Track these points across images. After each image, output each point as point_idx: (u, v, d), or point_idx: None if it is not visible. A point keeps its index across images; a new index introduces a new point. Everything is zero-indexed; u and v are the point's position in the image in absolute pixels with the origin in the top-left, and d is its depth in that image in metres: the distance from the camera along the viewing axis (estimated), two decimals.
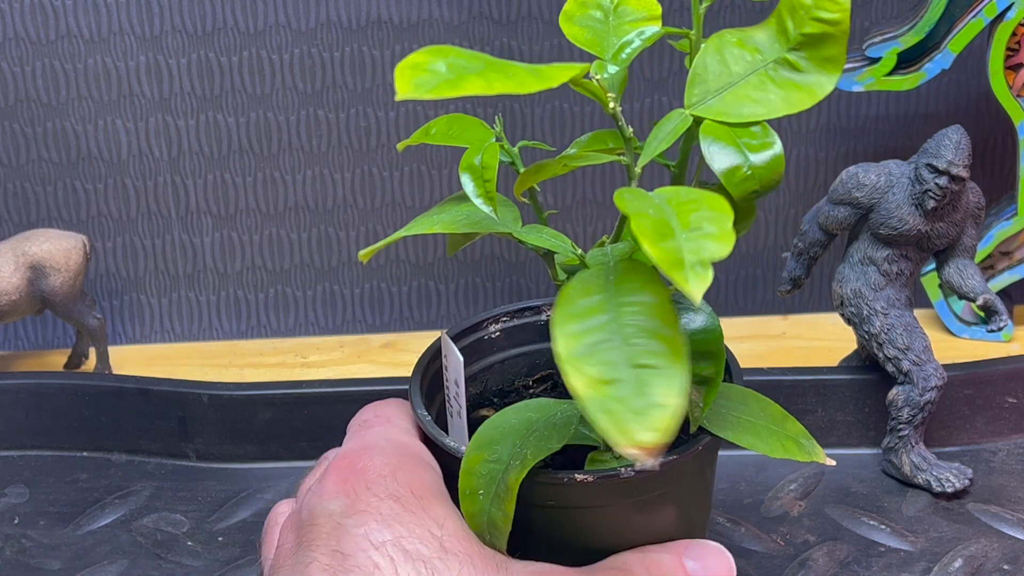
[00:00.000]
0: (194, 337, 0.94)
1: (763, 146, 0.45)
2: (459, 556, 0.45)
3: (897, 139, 0.89)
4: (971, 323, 0.87)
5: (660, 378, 0.40)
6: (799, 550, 0.66)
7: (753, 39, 0.47)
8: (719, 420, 0.51)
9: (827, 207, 0.70)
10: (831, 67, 0.45)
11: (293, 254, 0.92)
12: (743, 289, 0.93)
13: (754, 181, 0.46)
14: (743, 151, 0.45)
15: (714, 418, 0.51)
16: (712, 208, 0.41)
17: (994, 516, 0.68)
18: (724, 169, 0.45)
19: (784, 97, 0.45)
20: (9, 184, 0.89)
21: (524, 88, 0.41)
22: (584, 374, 0.40)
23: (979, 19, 0.79)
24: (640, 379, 0.40)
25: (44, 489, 0.74)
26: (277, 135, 0.88)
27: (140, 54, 0.86)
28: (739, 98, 0.46)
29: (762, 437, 0.51)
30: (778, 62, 0.46)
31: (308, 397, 0.74)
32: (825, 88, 0.45)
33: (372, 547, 0.45)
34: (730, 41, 0.47)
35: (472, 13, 0.85)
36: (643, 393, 0.39)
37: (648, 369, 0.40)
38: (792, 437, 0.51)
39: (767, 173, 0.45)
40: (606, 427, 0.39)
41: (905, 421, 0.69)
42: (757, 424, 0.51)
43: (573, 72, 0.42)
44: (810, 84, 0.45)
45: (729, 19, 0.86)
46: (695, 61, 0.47)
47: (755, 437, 0.51)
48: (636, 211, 0.40)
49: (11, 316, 0.81)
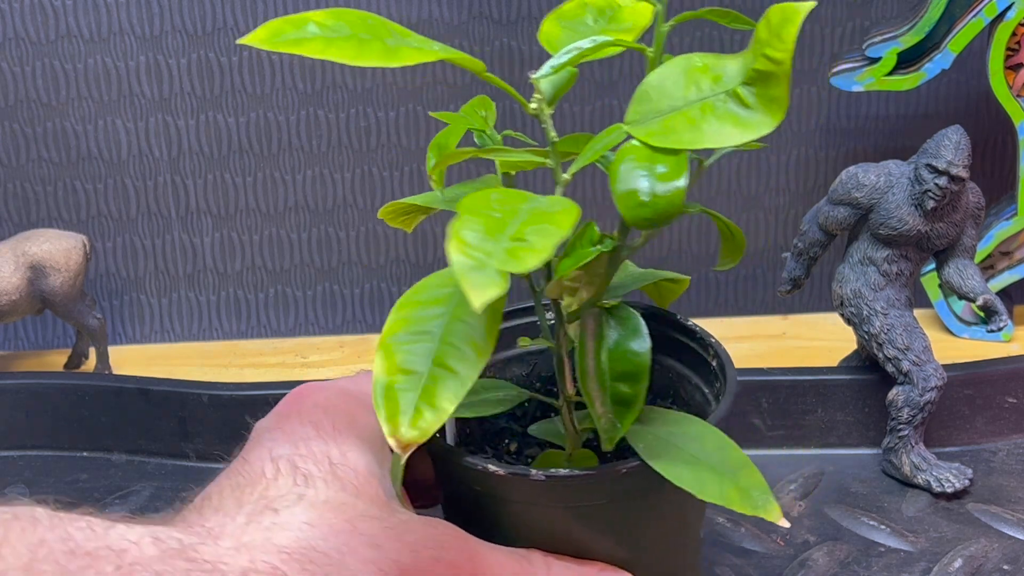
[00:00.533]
0: (194, 337, 0.94)
1: (671, 176, 0.44)
2: (344, 483, 0.47)
3: (897, 139, 0.89)
4: (971, 323, 0.87)
5: (451, 383, 0.42)
6: (799, 550, 0.66)
7: (722, 67, 0.45)
8: (661, 449, 0.49)
9: (827, 207, 0.70)
10: (775, 108, 0.43)
11: (293, 254, 0.92)
12: (743, 289, 0.93)
13: (648, 209, 0.44)
14: (652, 178, 0.44)
15: (658, 446, 0.49)
16: (554, 223, 0.41)
17: (994, 516, 0.68)
18: (623, 191, 0.44)
19: (718, 130, 0.44)
20: (9, 184, 0.89)
21: (362, 60, 0.42)
22: (390, 358, 0.42)
23: (979, 19, 0.79)
24: (433, 378, 0.42)
25: (44, 489, 0.74)
26: (277, 135, 0.88)
27: (140, 54, 0.86)
28: (677, 124, 0.44)
29: (700, 475, 0.48)
30: (729, 94, 0.44)
31: None
32: (762, 129, 0.43)
33: (269, 458, 0.48)
34: (696, 65, 0.45)
35: (472, 13, 0.85)
36: (427, 392, 0.42)
37: (446, 371, 0.42)
38: (740, 486, 0.48)
39: (665, 205, 0.44)
40: (380, 412, 0.41)
41: (905, 421, 0.69)
42: (702, 462, 0.48)
43: (427, 56, 0.43)
44: (750, 121, 0.43)
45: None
46: (646, 79, 0.45)
47: (691, 474, 0.48)
48: (474, 209, 0.41)
49: (11, 316, 0.81)
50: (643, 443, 0.49)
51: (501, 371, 0.61)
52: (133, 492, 0.73)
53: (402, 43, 0.45)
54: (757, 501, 0.47)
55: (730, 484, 0.48)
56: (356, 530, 0.45)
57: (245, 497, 0.46)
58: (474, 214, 0.42)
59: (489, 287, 0.38)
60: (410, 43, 0.45)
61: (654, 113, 0.45)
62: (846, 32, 0.86)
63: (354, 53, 0.43)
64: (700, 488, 0.48)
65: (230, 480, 0.48)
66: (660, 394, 0.59)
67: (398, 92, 0.87)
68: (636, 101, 0.45)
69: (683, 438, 0.50)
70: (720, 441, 0.49)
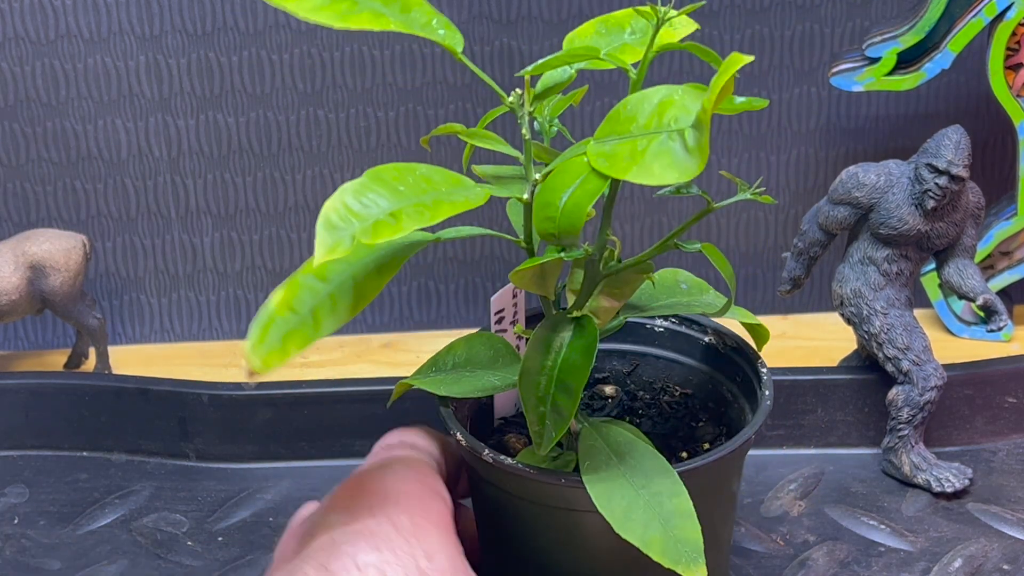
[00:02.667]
0: (194, 337, 0.94)
1: (583, 199, 0.45)
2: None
3: (897, 139, 0.89)
4: (971, 323, 0.87)
5: (307, 332, 0.43)
6: (799, 550, 0.66)
7: (690, 104, 0.45)
8: (605, 472, 0.49)
9: (827, 207, 0.70)
10: (699, 154, 0.42)
11: (293, 254, 0.92)
12: (743, 289, 0.93)
13: (553, 224, 0.45)
14: (569, 197, 0.45)
15: (603, 469, 0.49)
16: (434, 210, 0.43)
17: (994, 516, 0.68)
18: (540, 203, 0.46)
19: (644, 166, 0.43)
20: (9, 184, 0.89)
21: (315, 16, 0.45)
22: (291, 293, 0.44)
23: (979, 19, 0.79)
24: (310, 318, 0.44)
25: (44, 489, 0.74)
26: (277, 135, 0.88)
27: (140, 54, 0.86)
28: (622, 151, 0.44)
29: (630, 510, 0.48)
30: (678, 132, 0.43)
31: (308, 397, 0.74)
32: (685, 175, 0.42)
33: (356, 567, 0.46)
34: (672, 97, 0.45)
35: (472, 13, 0.85)
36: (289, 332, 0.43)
37: (314, 321, 0.44)
38: (670, 535, 0.47)
39: (565, 220, 0.45)
40: (250, 336, 0.43)
41: (905, 421, 0.69)
42: (640, 499, 0.48)
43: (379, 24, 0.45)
44: (681, 164, 0.43)
45: (729, 19, 0.86)
46: (623, 100, 0.46)
47: (622, 505, 0.48)
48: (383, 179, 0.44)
49: (11, 316, 0.81)
50: (590, 461, 0.50)
51: (600, 361, 0.63)
52: (133, 492, 0.73)
53: (367, 8, 0.45)
54: (681, 555, 0.47)
55: (658, 529, 0.47)
56: None
57: None
58: (379, 183, 0.44)
59: (335, 249, 0.40)
60: (375, 7, 0.45)
61: (616, 135, 0.45)
62: (846, 32, 0.86)
63: (310, 7, 0.43)
64: (623, 522, 0.47)
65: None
66: (706, 405, 0.60)
67: (398, 92, 0.87)
68: (607, 120, 0.46)
69: (635, 471, 0.49)
70: (673, 488, 0.49)
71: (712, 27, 0.86)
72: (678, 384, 0.62)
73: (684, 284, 0.58)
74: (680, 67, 0.87)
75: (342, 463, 0.74)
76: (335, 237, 0.41)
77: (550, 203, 0.45)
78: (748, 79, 0.87)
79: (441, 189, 0.45)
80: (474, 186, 0.47)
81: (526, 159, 0.49)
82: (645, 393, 0.63)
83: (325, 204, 0.43)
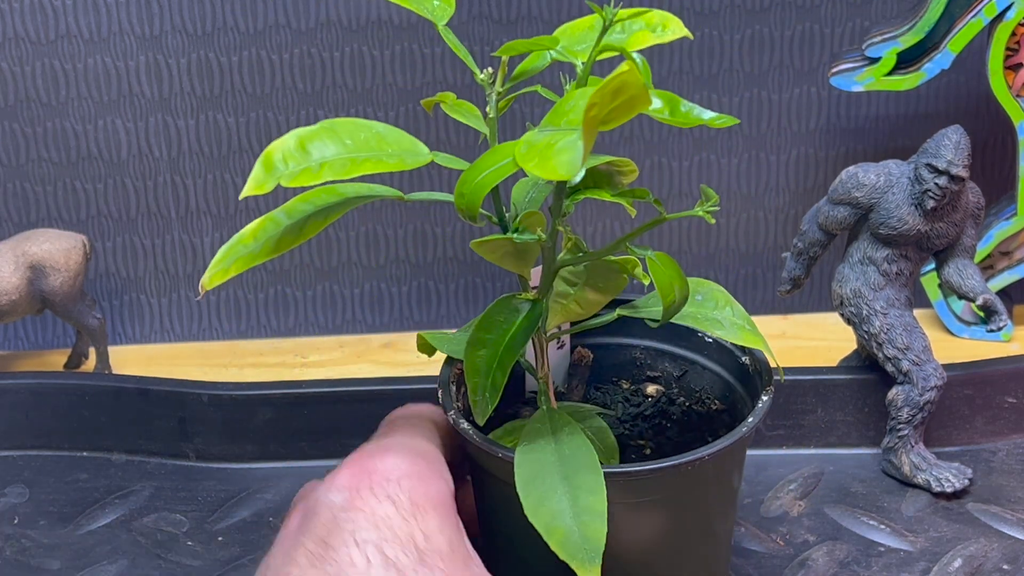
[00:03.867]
0: (194, 337, 0.94)
1: (483, 182, 0.47)
2: (434, 571, 0.47)
3: (897, 139, 0.89)
4: (971, 323, 0.87)
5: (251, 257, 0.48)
6: (799, 550, 0.66)
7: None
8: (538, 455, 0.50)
9: (827, 207, 0.70)
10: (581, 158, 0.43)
11: (293, 254, 0.92)
12: (743, 289, 0.93)
13: (462, 200, 0.47)
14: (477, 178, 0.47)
15: (538, 452, 0.51)
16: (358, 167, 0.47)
17: (994, 516, 0.68)
18: (461, 179, 0.47)
19: (545, 159, 0.43)
20: (9, 184, 0.89)
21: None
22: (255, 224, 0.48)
23: (979, 19, 0.79)
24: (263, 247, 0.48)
25: (44, 489, 0.74)
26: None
27: (140, 54, 0.86)
28: (543, 141, 0.44)
29: (544, 496, 0.49)
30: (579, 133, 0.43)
31: (308, 397, 0.74)
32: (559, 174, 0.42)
33: (355, 544, 0.47)
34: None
35: (472, 13, 0.85)
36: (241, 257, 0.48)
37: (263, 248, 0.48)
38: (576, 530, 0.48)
39: (469, 197, 0.47)
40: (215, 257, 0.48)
41: (905, 421, 0.70)
42: (558, 488, 0.49)
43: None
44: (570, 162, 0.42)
45: (729, 19, 0.86)
46: (567, 96, 0.47)
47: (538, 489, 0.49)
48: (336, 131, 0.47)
49: (11, 316, 0.81)
50: (528, 441, 0.51)
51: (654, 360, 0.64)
52: (133, 492, 0.73)
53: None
54: (580, 552, 0.47)
55: (566, 522, 0.48)
56: None
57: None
58: (329, 134, 0.47)
59: (262, 188, 0.45)
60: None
61: (552, 126, 0.46)
62: (846, 32, 0.86)
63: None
64: (535, 506, 0.48)
65: (318, 571, 0.47)
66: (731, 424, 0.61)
67: (398, 92, 0.87)
68: (552, 111, 0.46)
69: (566, 461, 0.50)
70: (594, 485, 0.49)
71: (712, 27, 0.86)
72: (717, 398, 0.62)
73: (700, 296, 0.58)
74: (680, 67, 0.87)
75: None
76: (266, 177, 0.45)
77: (467, 180, 0.47)
78: (748, 79, 0.87)
79: (386, 149, 0.48)
80: (422, 152, 0.49)
81: (490, 135, 0.51)
82: (685, 400, 0.63)
83: (273, 143, 0.46)
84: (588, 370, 0.64)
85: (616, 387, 0.64)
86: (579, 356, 0.63)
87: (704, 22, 0.86)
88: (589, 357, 0.63)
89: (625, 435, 0.60)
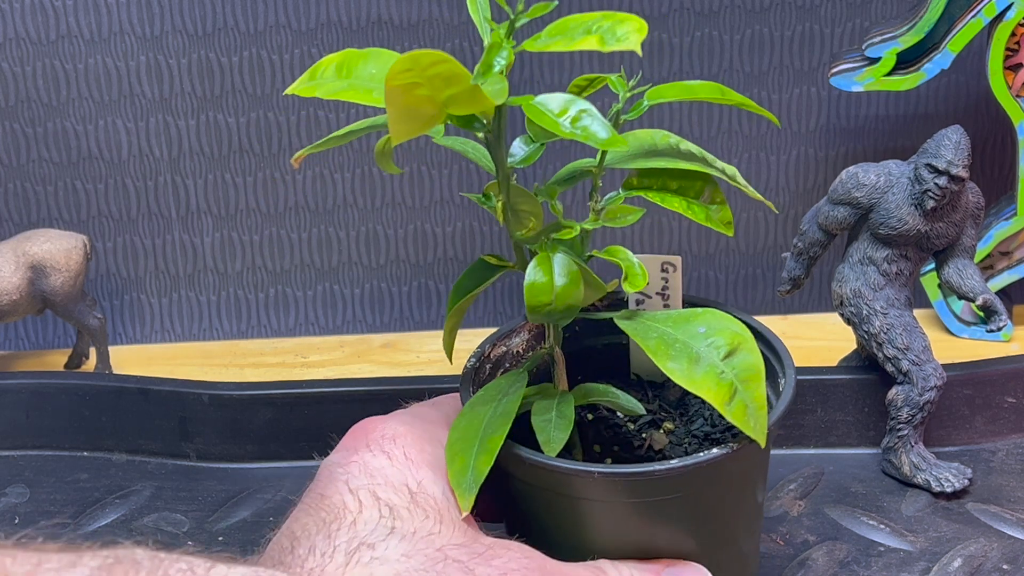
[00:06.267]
0: (194, 337, 0.94)
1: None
2: (427, 511, 0.48)
3: (897, 139, 0.89)
4: (970, 323, 0.87)
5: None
6: (799, 550, 0.66)
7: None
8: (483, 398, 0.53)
9: (827, 207, 0.70)
10: None
11: (293, 254, 0.92)
12: (743, 289, 0.93)
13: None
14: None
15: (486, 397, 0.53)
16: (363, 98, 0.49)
17: (993, 516, 0.68)
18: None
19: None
20: (9, 184, 0.89)
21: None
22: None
23: (978, 19, 0.79)
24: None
25: (44, 489, 0.74)
26: (277, 135, 0.88)
27: (140, 54, 0.86)
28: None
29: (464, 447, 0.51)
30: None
31: (308, 397, 0.74)
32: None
33: (348, 490, 0.49)
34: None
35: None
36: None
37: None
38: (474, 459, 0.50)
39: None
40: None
41: (904, 421, 0.70)
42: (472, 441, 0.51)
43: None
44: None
45: (729, 19, 0.86)
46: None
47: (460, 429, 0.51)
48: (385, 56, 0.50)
49: (11, 316, 0.81)
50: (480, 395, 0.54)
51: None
52: (133, 492, 0.73)
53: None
54: (465, 482, 0.49)
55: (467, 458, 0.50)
56: (448, 558, 0.46)
57: (335, 533, 0.47)
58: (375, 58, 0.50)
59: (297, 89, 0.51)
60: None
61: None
62: (846, 32, 0.86)
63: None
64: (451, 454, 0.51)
65: (312, 517, 0.48)
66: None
67: None
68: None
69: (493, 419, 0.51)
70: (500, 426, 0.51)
71: (712, 27, 0.86)
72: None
73: (703, 328, 0.52)
74: (680, 67, 0.87)
75: None
76: (302, 84, 0.51)
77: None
78: (748, 79, 0.87)
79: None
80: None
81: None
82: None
83: (327, 56, 0.50)
84: None
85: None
86: None
87: (704, 22, 0.86)
88: None
89: (678, 446, 0.59)
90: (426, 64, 0.42)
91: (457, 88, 0.43)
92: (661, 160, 0.53)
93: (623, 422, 0.60)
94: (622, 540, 0.52)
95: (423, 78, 0.42)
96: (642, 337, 0.51)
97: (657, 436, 0.59)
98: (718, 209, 0.53)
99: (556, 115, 0.47)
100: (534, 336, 0.61)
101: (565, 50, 0.48)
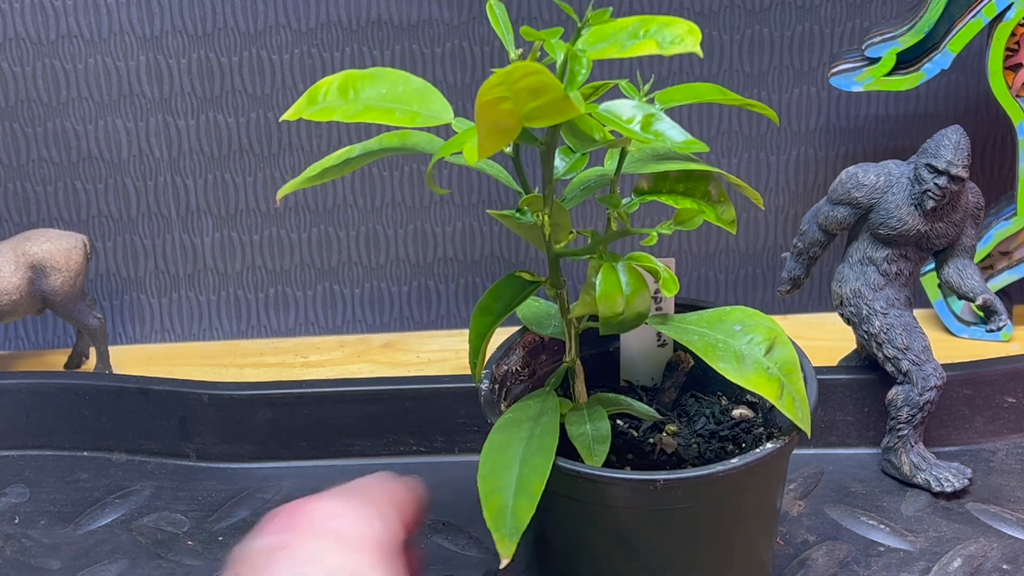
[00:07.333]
0: (194, 337, 0.94)
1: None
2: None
3: (897, 139, 0.89)
4: (970, 323, 0.87)
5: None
6: (799, 550, 0.66)
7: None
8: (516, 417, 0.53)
9: (827, 207, 0.70)
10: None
11: (293, 254, 0.92)
12: (743, 289, 0.93)
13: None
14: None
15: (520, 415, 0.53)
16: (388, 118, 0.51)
17: (993, 516, 0.68)
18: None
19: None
20: (9, 184, 0.89)
21: None
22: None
23: (978, 19, 0.79)
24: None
25: (44, 489, 0.74)
26: (277, 135, 0.88)
27: (140, 54, 0.86)
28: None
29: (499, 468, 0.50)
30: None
31: (308, 397, 0.74)
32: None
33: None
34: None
35: (472, 13, 0.85)
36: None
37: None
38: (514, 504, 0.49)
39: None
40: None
41: (904, 421, 0.70)
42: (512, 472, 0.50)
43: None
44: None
45: (729, 19, 0.86)
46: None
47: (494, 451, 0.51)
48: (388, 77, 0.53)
49: (11, 316, 0.81)
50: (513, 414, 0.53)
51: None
52: (133, 492, 0.73)
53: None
54: (505, 526, 0.48)
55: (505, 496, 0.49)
56: None
57: None
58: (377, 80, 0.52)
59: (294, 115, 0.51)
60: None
61: None
62: (846, 32, 0.86)
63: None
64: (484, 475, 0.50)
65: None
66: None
67: None
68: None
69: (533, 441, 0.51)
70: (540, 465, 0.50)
71: (712, 27, 0.86)
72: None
73: (739, 327, 0.54)
74: (680, 68, 0.87)
75: (342, 463, 0.74)
76: (302, 109, 0.51)
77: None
78: (748, 79, 0.87)
79: (413, 106, 0.52)
80: (440, 115, 0.52)
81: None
82: (764, 431, 0.61)
83: (324, 79, 0.51)
84: (684, 375, 0.63)
85: (714, 400, 0.63)
86: (677, 358, 0.63)
87: (704, 22, 0.86)
88: (688, 363, 0.62)
89: (688, 447, 0.59)
90: (517, 77, 0.41)
91: (544, 99, 0.42)
92: (672, 163, 0.53)
93: (625, 428, 0.60)
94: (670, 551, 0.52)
95: (511, 91, 0.42)
96: (686, 339, 0.53)
97: (666, 440, 0.59)
98: (724, 208, 0.53)
99: (626, 121, 0.47)
100: (528, 353, 0.62)
101: (620, 56, 0.47)
